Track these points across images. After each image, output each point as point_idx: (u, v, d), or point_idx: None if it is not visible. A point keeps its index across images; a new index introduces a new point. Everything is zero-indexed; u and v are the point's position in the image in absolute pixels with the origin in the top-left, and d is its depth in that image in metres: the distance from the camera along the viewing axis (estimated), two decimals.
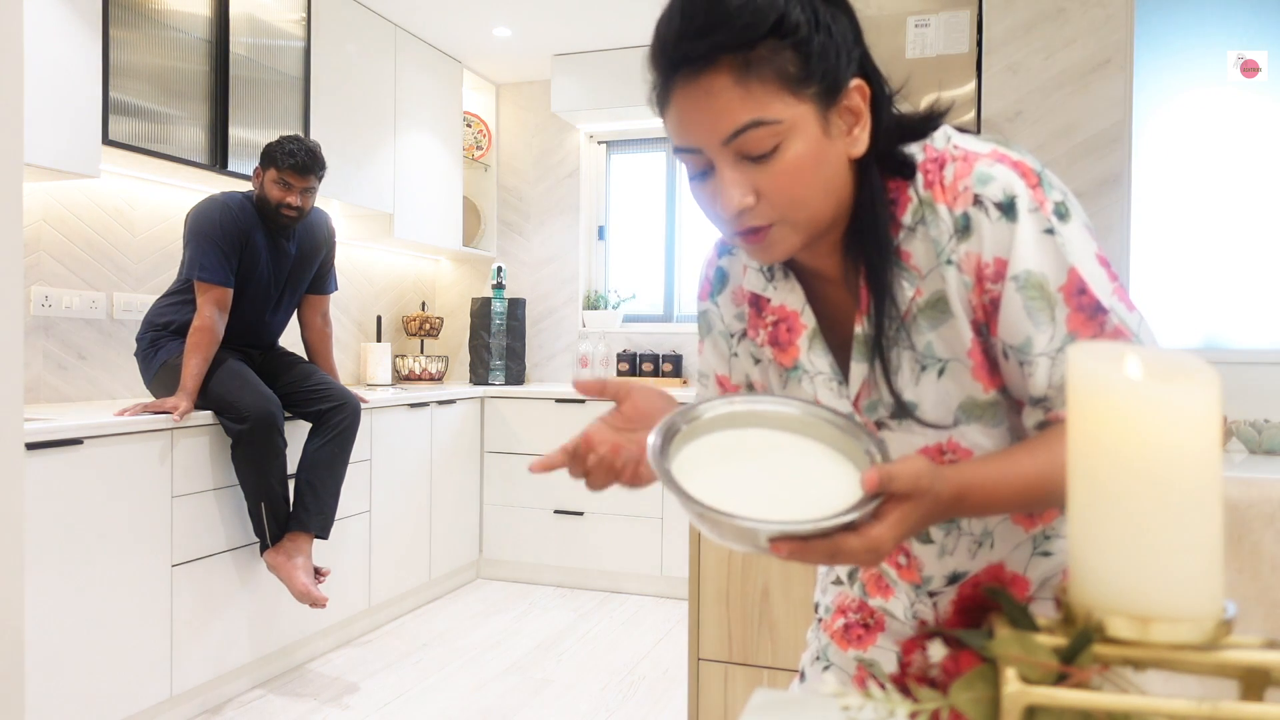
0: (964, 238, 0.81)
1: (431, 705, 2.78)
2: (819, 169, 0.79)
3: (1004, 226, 0.79)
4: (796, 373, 0.93)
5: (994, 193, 0.80)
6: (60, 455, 2.24)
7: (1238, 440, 2.39)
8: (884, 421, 0.89)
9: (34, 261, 2.79)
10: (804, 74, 0.76)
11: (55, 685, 2.23)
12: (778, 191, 0.79)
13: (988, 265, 0.81)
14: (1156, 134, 2.64)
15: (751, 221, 0.81)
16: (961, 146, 0.83)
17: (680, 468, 0.75)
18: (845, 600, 1.08)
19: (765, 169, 0.78)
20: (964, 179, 0.81)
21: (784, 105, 0.76)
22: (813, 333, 0.91)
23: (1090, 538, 0.51)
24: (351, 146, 3.71)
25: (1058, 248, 0.79)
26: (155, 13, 2.81)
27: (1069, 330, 0.79)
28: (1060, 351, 0.79)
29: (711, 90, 0.77)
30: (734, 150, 0.78)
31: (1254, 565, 1.05)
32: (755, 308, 0.97)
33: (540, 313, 4.76)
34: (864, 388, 0.89)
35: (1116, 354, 0.52)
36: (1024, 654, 0.49)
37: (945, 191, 0.82)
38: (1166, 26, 2.63)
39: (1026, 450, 0.80)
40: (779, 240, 0.82)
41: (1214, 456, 0.49)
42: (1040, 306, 0.79)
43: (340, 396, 2.93)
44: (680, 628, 3.50)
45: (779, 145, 0.77)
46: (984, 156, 0.82)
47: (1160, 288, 2.63)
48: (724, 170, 0.79)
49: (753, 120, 0.76)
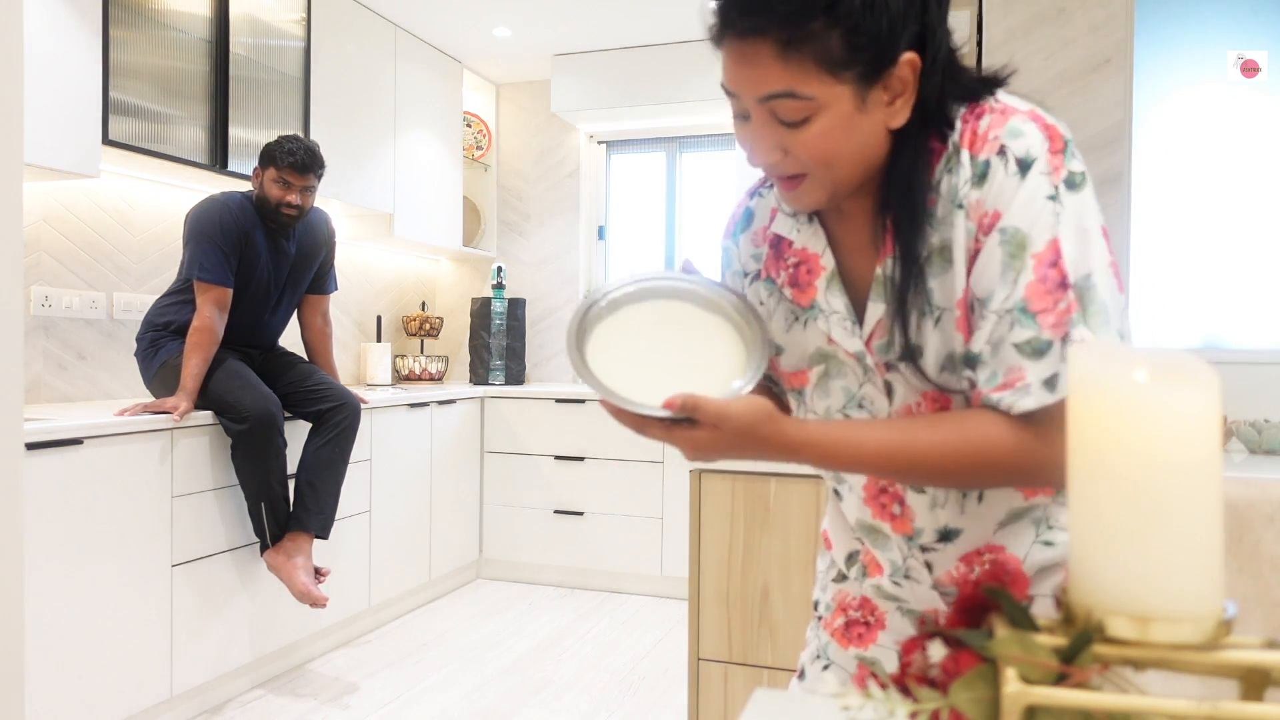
0: (978, 184, 0.83)
1: (431, 705, 2.78)
2: (847, 141, 0.82)
3: (1014, 181, 0.81)
4: (812, 312, 0.95)
5: (1018, 147, 0.82)
6: (60, 455, 2.24)
7: (1238, 440, 2.39)
8: (893, 364, 0.91)
9: (34, 261, 2.78)
10: (847, 58, 0.78)
11: (55, 685, 2.23)
12: (806, 155, 0.83)
13: (986, 216, 0.82)
14: (1156, 134, 2.64)
15: (782, 171, 0.86)
16: (1002, 101, 0.85)
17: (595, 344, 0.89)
18: (846, 598, 1.08)
19: (794, 134, 0.82)
20: (996, 129, 0.83)
21: (820, 84, 0.79)
22: (831, 274, 0.94)
23: (1090, 538, 0.51)
24: (351, 146, 3.71)
25: (1053, 214, 0.80)
26: (155, 13, 2.81)
27: (1024, 297, 0.80)
28: (1009, 313, 0.80)
29: (753, 56, 0.79)
30: (767, 110, 0.82)
31: (1254, 565, 1.05)
32: (775, 249, 0.99)
33: (540, 313, 4.76)
34: (877, 328, 0.91)
35: (1117, 354, 0.52)
36: (1024, 654, 0.49)
37: (976, 140, 0.84)
38: (1166, 26, 2.63)
39: (884, 425, 0.85)
40: (811, 189, 0.86)
41: (1214, 456, 0.49)
42: (1013, 265, 0.80)
43: (340, 396, 2.93)
44: (680, 628, 3.50)
45: (809, 117, 0.81)
46: (1021, 112, 0.84)
47: (1160, 288, 2.63)
48: (757, 125, 0.84)
49: (786, 91, 0.79)
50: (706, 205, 4.62)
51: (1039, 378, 0.79)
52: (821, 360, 0.96)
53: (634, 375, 0.85)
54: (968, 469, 0.82)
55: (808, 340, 0.96)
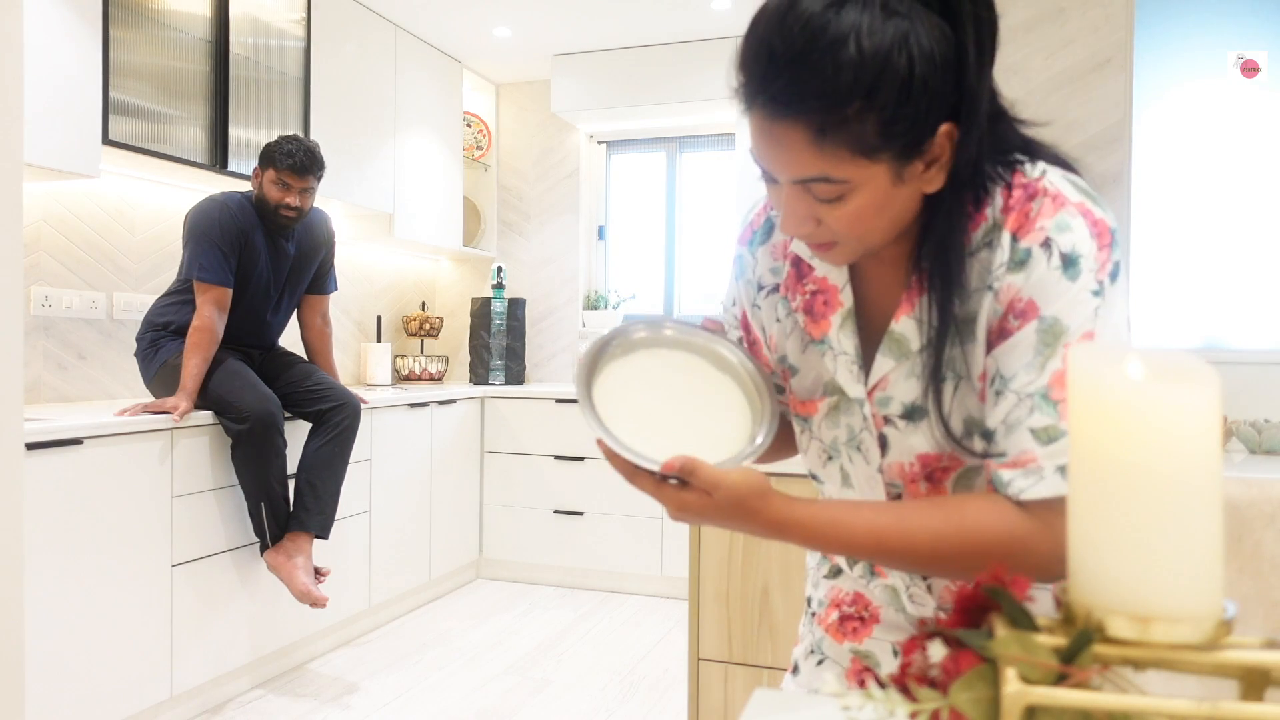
0: (1015, 270, 0.81)
1: (431, 705, 2.78)
2: (883, 214, 0.80)
3: (1056, 276, 0.79)
4: (821, 346, 0.94)
5: (1065, 242, 0.79)
6: (60, 455, 2.24)
7: (1238, 440, 2.39)
8: (891, 419, 0.90)
9: (34, 261, 2.78)
10: (883, 143, 0.75)
11: (55, 685, 2.23)
12: (839, 228, 0.81)
13: (1020, 301, 0.80)
14: (1156, 134, 2.64)
15: (815, 240, 0.84)
16: (1055, 186, 0.81)
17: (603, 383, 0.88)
18: (840, 594, 1.09)
19: (830, 209, 0.79)
20: (1045, 219, 0.80)
21: (855, 168, 0.76)
22: (846, 313, 0.92)
23: (1090, 538, 0.51)
24: (351, 146, 3.71)
25: (1093, 310, 0.79)
26: (155, 13, 2.81)
27: (1047, 384, 0.78)
28: (1029, 397, 0.79)
29: (785, 140, 0.76)
30: (801, 187, 0.79)
31: (1254, 565, 1.05)
32: (797, 270, 0.97)
33: (540, 313, 4.76)
34: (881, 381, 0.90)
35: (1117, 354, 0.52)
36: (1024, 654, 0.49)
37: (1025, 222, 0.81)
38: (1166, 26, 2.63)
39: (893, 509, 0.83)
40: (843, 253, 0.85)
41: (1214, 456, 0.49)
42: (1044, 352, 0.79)
43: (340, 396, 2.93)
44: (680, 628, 3.50)
45: (844, 195, 0.78)
46: (1072, 204, 0.80)
47: (1160, 288, 2.63)
48: (789, 199, 0.81)
49: (820, 176, 0.77)
50: (706, 205, 4.62)
51: (1053, 464, 0.77)
52: (833, 393, 0.95)
53: (636, 422, 0.84)
54: (963, 556, 0.79)
55: (822, 367, 0.95)
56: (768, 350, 1.02)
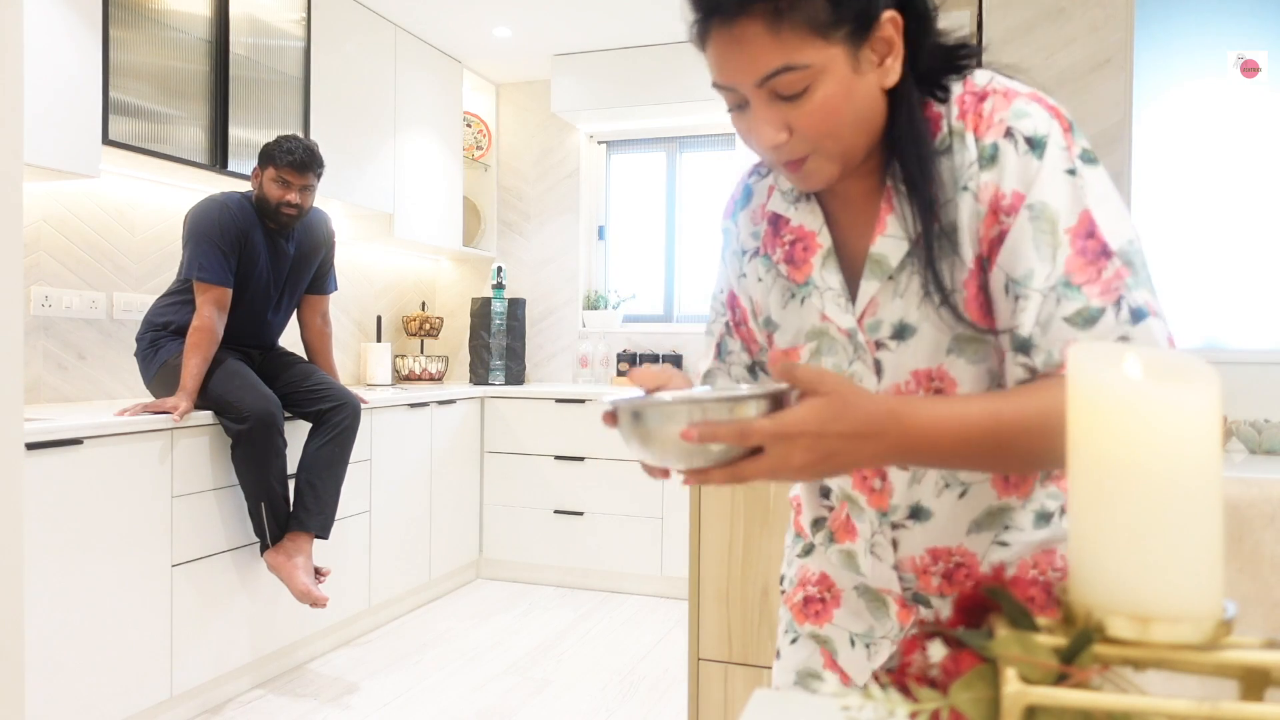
0: (987, 166, 0.83)
1: (431, 705, 2.78)
2: (849, 105, 0.82)
3: (1029, 160, 0.82)
4: (807, 288, 0.96)
5: (1026, 127, 0.82)
6: (60, 455, 2.24)
7: (1238, 440, 2.39)
8: (883, 341, 0.92)
9: (34, 261, 2.78)
10: (834, 18, 0.79)
11: (55, 685, 2.23)
12: (809, 128, 0.82)
13: (1004, 196, 0.83)
14: (1156, 134, 2.64)
15: (788, 155, 0.85)
16: (1004, 84, 0.86)
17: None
18: (807, 573, 1.10)
19: (797, 107, 0.82)
20: (1000, 112, 0.84)
21: (814, 50, 0.79)
22: (827, 252, 0.95)
23: (1090, 538, 0.51)
24: (351, 146, 3.71)
25: (1076, 188, 0.81)
26: (155, 13, 2.81)
27: (1066, 272, 0.79)
28: (1053, 290, 0.80)
29: (743, 38, 0.79)
30: (767, 91, 0.82)
31: (1254, 565, 1.05)
32: (773, 226, 1.00)
33: (540, 313, 4.76)
34: (869, 306, 0.92)
35: (1116, 354, 0.52)
36: (1024, 654, 0.49)
37: (981, 122, 0.84)
38: (1166, 26, 2.63)
39: (983, 396, 0.80)
40: (815, 170, 0.86)
41: (1214, 456, 0.49)
42: (1047, 241, 0.80)
43: (340, 396, 2.93)
44: (680, 628, 3.50)
45: (809, 86, 0.81)
46: (1024, 95, 0.85)
47: (1160, 288, 2.63)
48: (758, 109, 0.83)
49: (783, 65, 0.79)
50: (706, 205, 4.62)
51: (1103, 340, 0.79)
52: (814, 338, 0.97)
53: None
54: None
55: (802, 317, 0.97)
56: (753, 319, 1.04)
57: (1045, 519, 0.97)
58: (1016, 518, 0.96)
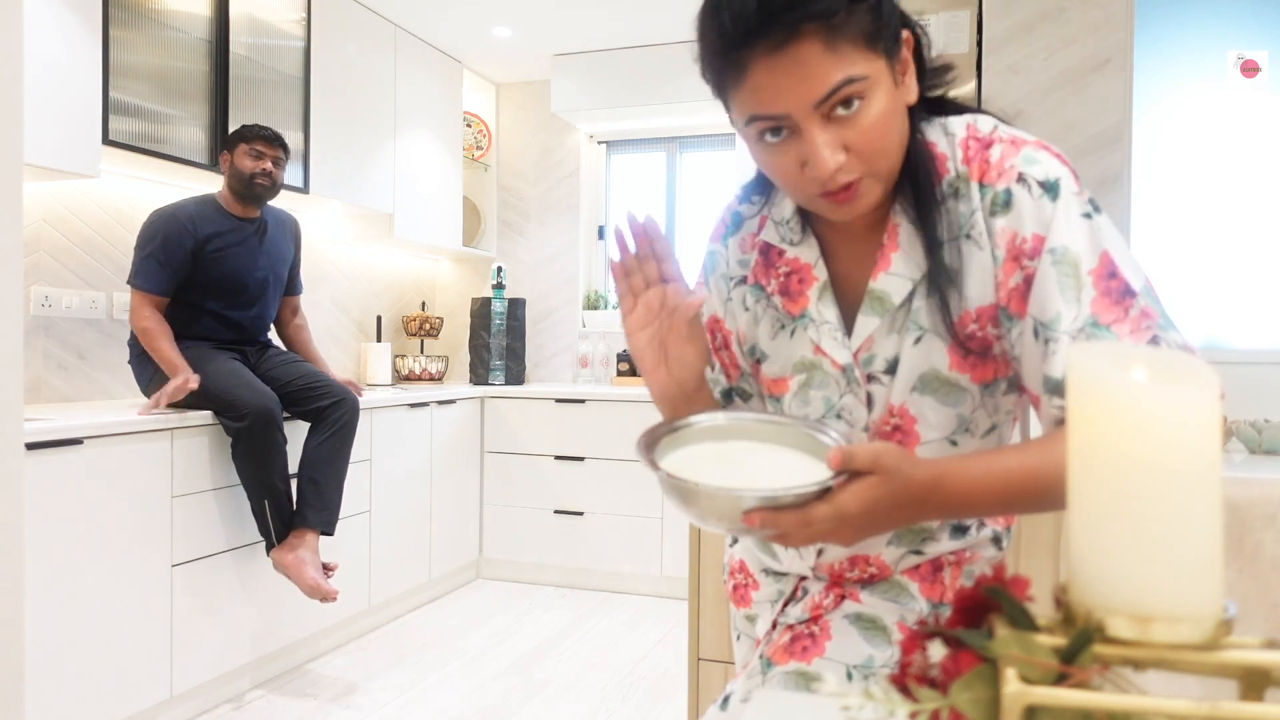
0: (1001, 213, 0.84)
1: (431, 705, 2.78)
2: (896, 120, 0.83)
3: (1045, 203, 0.82)
4: (803, 320, 0.96)
5: (1038, 173, 0.83)
6: (60, 455, 2.24)
7: (1238, 440, 2.39)
8: (876, 376, 0.93)
9: (34, 261, 2.78)
10: (878, 30, 0.79)
11: (55, 685, 2.23)
12: (865, 145, 0.81)
13: (1025, 241, 0.83)
14: (1156, 134, 2.64)
15: (845, 178, 0.82)
16: (1009, 133, 0.87)
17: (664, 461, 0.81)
18: (732, 561, 1.14)
19: (852, 125, 0.80)
20: (1010, 159, 0.84)
21: (867, 62, 0.79)
22: (823, 285, 0.95)
23: (1090, 538, 0.51)
24: (351, 146, 3.71)
25: (1093, 230, 0.81)
26: (155, 13, 2.81)
27: (1092, 313, 0.80)
28: (1081, 331, 0.80)
29: (799, 59, 0.77)
30: (823, 112, 0.80)
31: (1254, 565, 1.05)
32: (765, 257, 1.00)
33: (540, 313, 4.76)
34: (865, 342, 0.92)
35: (1116, 354, 0.52)
36: (1024, 654, 0.49)
37: (990, 169, 0.85)
38: (1166, 26, 2.63)
39: (1015, 450, 0.82)
40: (865, 193, 0.85)
41: (1214, 456, 0.49)
42: (1071, 284, 0.80)
43: (338, 392, 2.93)
44: (680, 628, 3.50)
45: (863, 100, 0.80)
46: (1031, 144, 0.85)
47: (1160, 288, 2.63)
48: (815, 133, 0.80)
49: (844, 79, 0.78)
50: (706, 205, 4.62)
51: None
52: (804, 369, 0.97)
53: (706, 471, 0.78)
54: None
55: (792, 349, 0.97)
56: (737, 345, 1.04)
57: (962, 531, 1.00)
58: (935, 531, 0.99)
